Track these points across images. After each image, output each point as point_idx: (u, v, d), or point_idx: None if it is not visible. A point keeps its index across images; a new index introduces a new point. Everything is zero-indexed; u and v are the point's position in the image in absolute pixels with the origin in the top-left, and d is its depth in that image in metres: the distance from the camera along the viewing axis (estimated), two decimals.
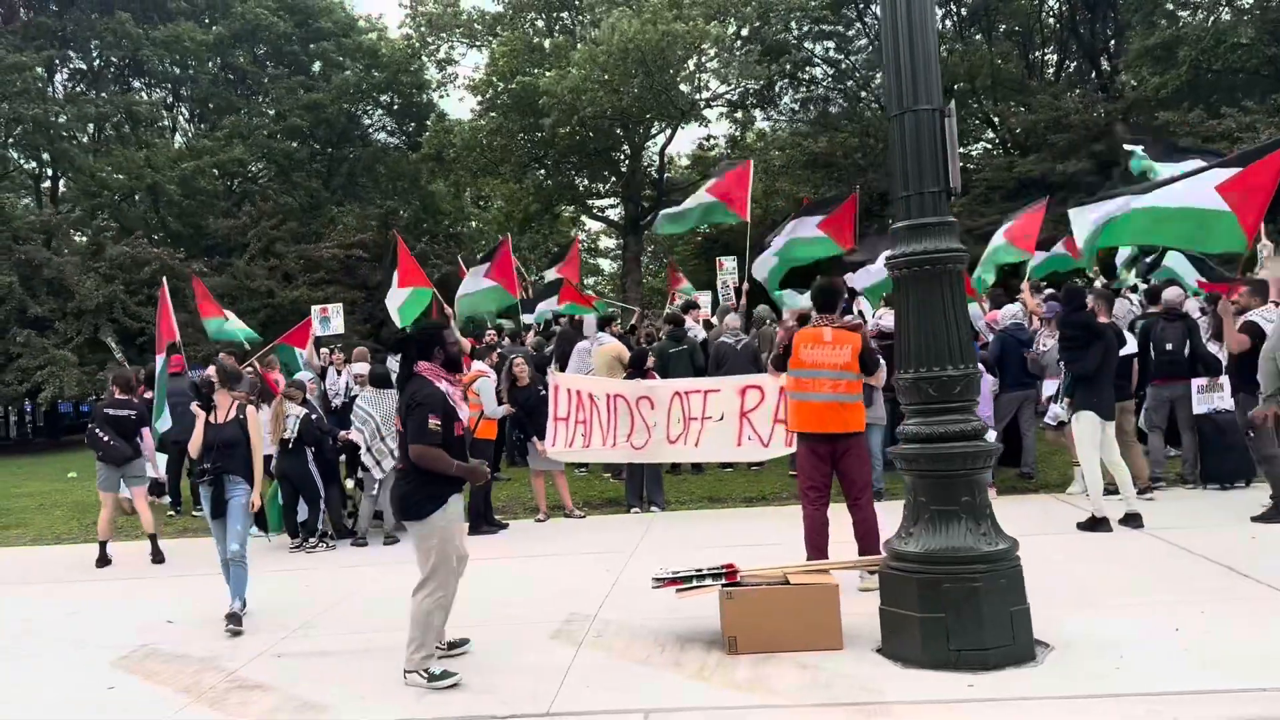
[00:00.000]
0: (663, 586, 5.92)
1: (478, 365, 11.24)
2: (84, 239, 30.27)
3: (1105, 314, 8.97)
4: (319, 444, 10.10)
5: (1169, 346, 10.18)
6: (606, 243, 46.55)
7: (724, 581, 5.80)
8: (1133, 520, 8.39)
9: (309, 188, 34.88)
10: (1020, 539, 5.46)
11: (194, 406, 7.52)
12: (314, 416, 10.16)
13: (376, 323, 28.42)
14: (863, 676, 5.14)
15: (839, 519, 6.85)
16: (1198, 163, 9.86)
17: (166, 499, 12.93)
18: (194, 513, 12.18)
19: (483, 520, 10.33)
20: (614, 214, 37.46)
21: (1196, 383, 10.17)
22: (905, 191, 5.49)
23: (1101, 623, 5.76)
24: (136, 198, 33.84)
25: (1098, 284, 12.90)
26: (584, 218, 40.00)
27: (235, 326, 16.05)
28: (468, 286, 14.93)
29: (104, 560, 9.79)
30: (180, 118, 37.32)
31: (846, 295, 11.03)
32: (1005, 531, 5.41)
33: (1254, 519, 8.35)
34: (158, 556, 9.81)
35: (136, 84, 34.93)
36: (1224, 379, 10.19)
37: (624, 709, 4.95)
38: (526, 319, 17.70)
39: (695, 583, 5.84)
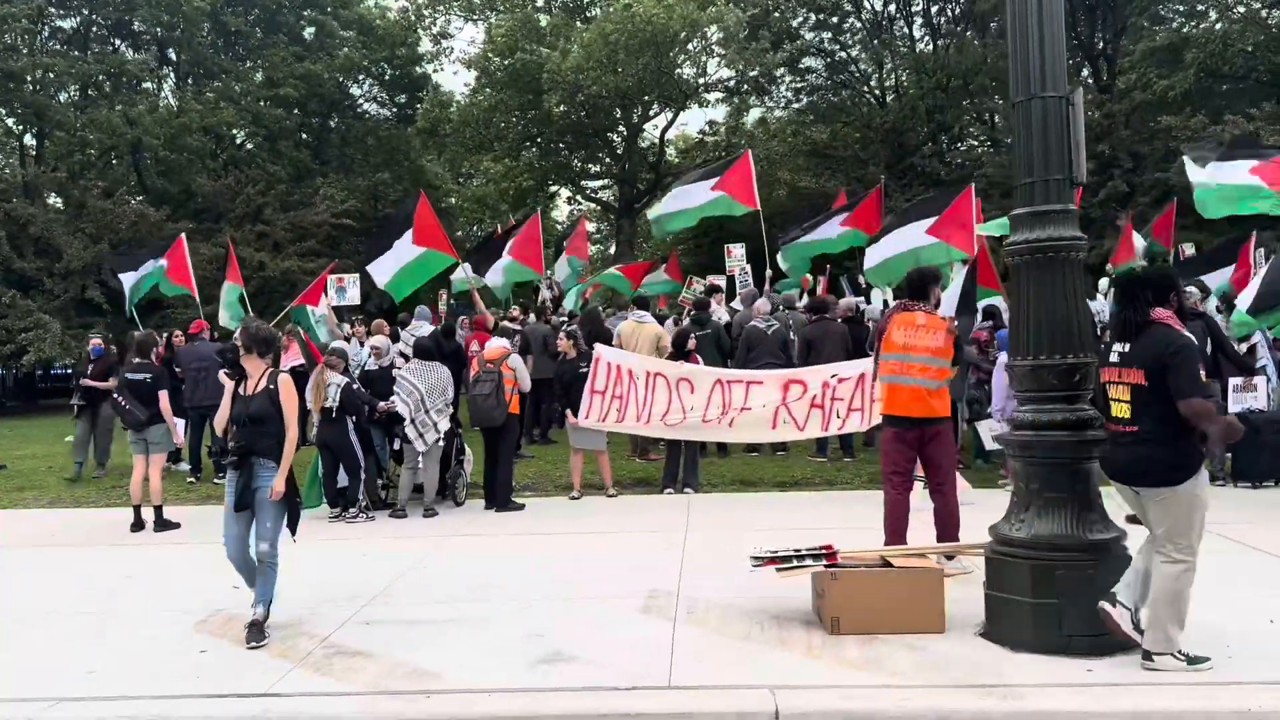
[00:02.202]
0: (763, 566, 5.90)
1: (501, 342, 11.09)
2: (61, 201, 29.55)
3: None
4: (358, 413, 9.99)
5: None
6: (589, 226, 46.11)
7: (825, 563, 5.81)
8: None
9: (295, 158, 34.27)
10: None
11: (222, 375, 6.63)
12: (355, 386, 10.04)
13: (363, 296, 28.08)
14: (976, 659, 5.17)
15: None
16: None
17: (185, 465, 12.74)
18: (215, 479, 12.01)
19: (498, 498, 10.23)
20: (606, 195, 37.21)
21: (1233, 382, 10.32)
22: (1029, 178, 5.48)
23: (1191, 613, 5.82)
24: (114, 162, 33.14)
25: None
26: (578, 198, 39.67)
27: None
28: (497, 269, 14.74)
29: (138, 524, 9.61)
30: (167, 82, 36.53)
31: None
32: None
33: None
34: (161, 526, 9.62)
35: (121, 45, 34.08)
36: (1258, 379, 10.40)
37: (746, 684, 4.92)
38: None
39: (795, 563, 5.84)
